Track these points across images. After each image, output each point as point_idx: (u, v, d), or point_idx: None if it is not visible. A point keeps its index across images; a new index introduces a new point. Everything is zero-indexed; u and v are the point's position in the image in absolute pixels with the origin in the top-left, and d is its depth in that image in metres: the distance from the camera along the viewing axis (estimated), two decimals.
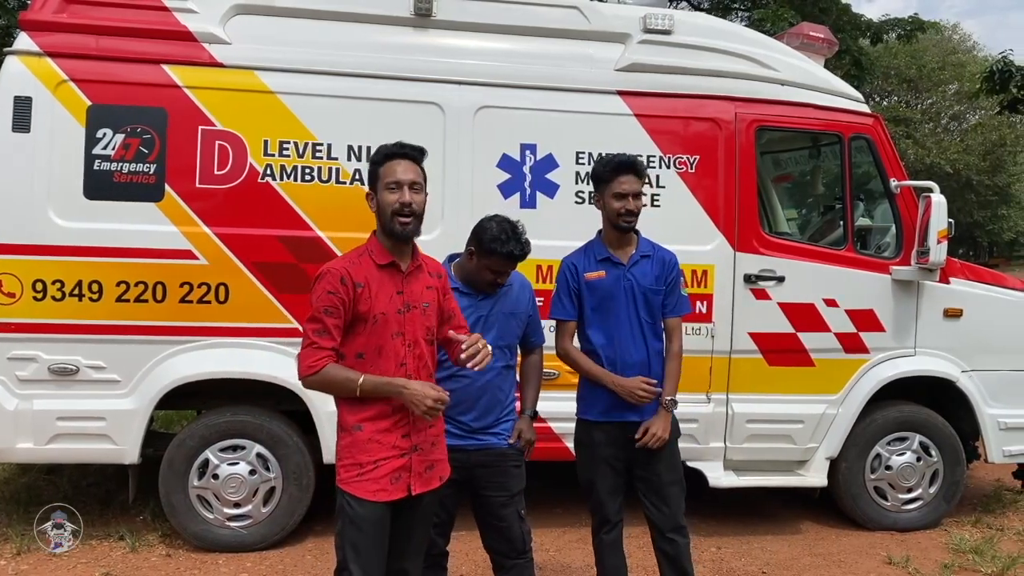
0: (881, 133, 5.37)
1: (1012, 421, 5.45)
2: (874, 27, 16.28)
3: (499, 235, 3.29)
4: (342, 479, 2.87)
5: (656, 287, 3.63)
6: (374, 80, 4.78)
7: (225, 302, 4.62)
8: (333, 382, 2.82)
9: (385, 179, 2.87)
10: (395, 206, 2.84)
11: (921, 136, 34.99)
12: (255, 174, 4.64)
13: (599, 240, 3.71)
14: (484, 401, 3.42)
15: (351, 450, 2.85)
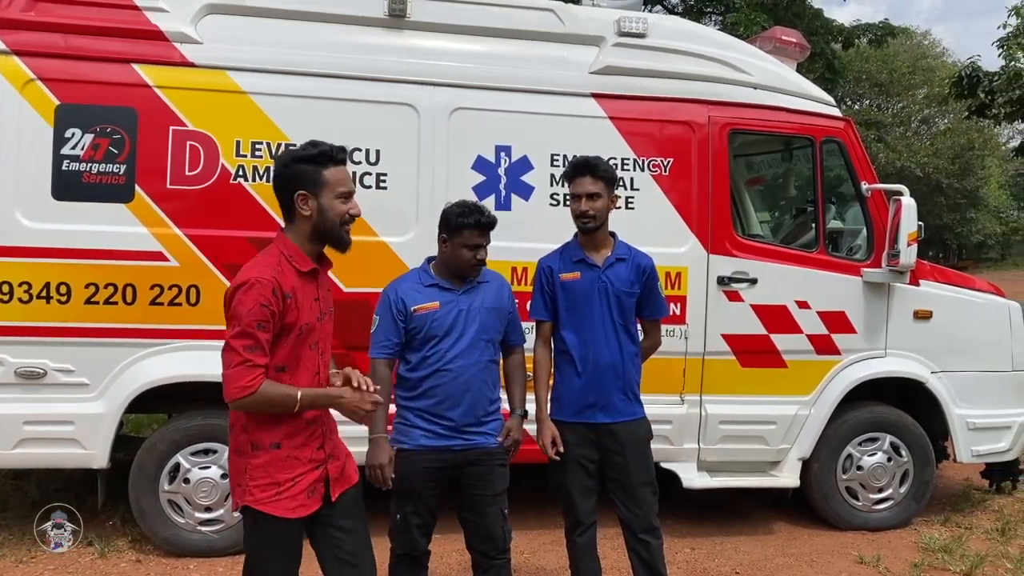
0: (852, 136, 5.42)
1: (980, 421, 5.52)
2: (846, 32, 16.48)
3: (462, 211, 3.40)
4: (256, 499, 2.67)
5: (630, 290, 3.66)
6: (348, 81, 4.74)
7: (196, 304, 4.56)
8: (270, 401, 2.62)
9: (337, 187, 2.71)
10: (346, 216, 2.74)
11: (892, 139, 35.48)
12: (227, 175, 4.60)
13: (575, 242, 3.74)
14: (469, 397, 3.43)
15: (268, 469, 2.67)
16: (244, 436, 2.71)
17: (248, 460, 2.69)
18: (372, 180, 4.74)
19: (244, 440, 2.70)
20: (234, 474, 2.76)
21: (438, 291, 3.45)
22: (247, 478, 2.70)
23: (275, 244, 2.74)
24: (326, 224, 2.72)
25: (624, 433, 3.65)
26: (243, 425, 2.71)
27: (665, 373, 5.03)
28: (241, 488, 2.72)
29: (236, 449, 2.75)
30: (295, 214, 2.71)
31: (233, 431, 2.76)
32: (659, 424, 4.90)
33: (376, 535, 3.57)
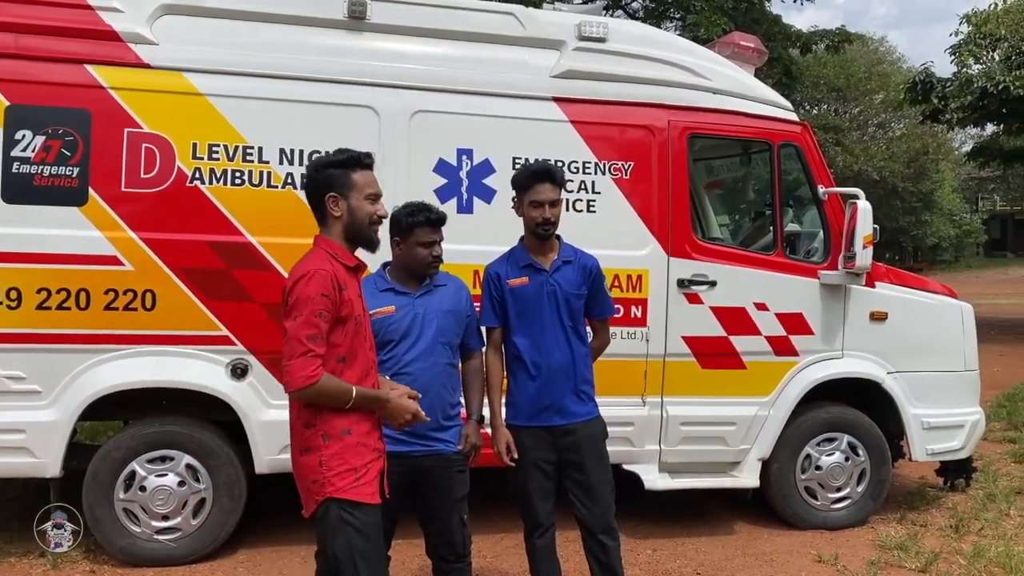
0: (809, 141, 5.50)
1: (935, 421, 5.63)
2: (803, 38, 16.73)
3: (411, 210, 3.44)
4: (337, 488, 2.72)
5: (578, 292, 3.69)
6: (307, 83, 4.70)
7: (152, 309, 4.48)
8: (328, 393, 2.69)
9: (366, 189, 2.84)
10: (374, 216, 2.86)
11: (850, 143, 36.06)
12: (183, 178, 4.53)
13: (521, 246, 3.75)
14: (427, 400, 3.38)
15: (343, 456, 2.74)
16: (311, 431, 2.73)
17: (321, 453, 2.72)
18: None
19: (312, 435, 2.73)
20: (307, 474, 2.77)
21: (394, 295, 3.44)
22: (324, 470, 2.72)
23: (318, 246, 2.84)
24: (356, 224, 2.84)
25: (580, 433, 3.67)
26: (307, 421, 2.74)
27: (626, 375, 5.06)
28: (319, 484, 2.72)
29: (304, 448, 2.77)
30: (327, 216, 2.82)
31: (295, 432, 2.79)
32: (621, 426, 4.97)
33: None
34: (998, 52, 17.05)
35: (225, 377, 4.61)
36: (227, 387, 4.60)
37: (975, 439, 5.90)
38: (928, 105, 17.62)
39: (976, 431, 5.86)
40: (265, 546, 5.00)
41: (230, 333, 4.59)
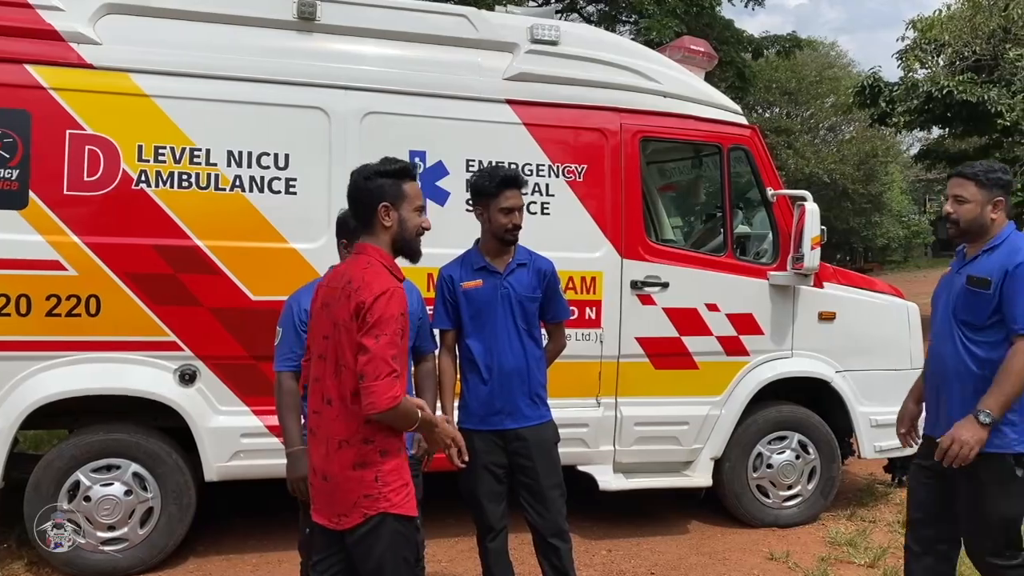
0: (758, 144, 5.57)
1: (883, 418, 5.70)
2: (755, 43, 16.98)
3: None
4: (393, 503, 2.70)
5: (532, 295, 3.69)
6: (256, 84, 4.63)
7: (97, 315, 4.38)
8: (403, 415, 2.68)
9: (415, 201, 2.85)
10: (419, 228, 2.88)
11: (801, 146, 36.66)
12: (128, 180, 4.43)
13: (476, 249, 3.74)
14: None
15: (400, 472, 2.74)
16: (369, 447, 2.70)
17: (379, 468, 2.70)
18: (281, 185, 4.64)
19: (370, 451, 2.70)
20: (356, 488, 2.70)
21: None
22: (380, 485, 2.70)
23: (368, 255, 2.78)
24: (404, 234, 2.83)
25: (532, 437, 3.66)
26: (366, 436, 2.69)
27: (581, 377, 5.08)
28: (372, 498, 2.69)
29: (358, 463, 2.70)
30: (376, 225, 2.79)
31: (349, 447, 2.70)
32: (575, 427, 4.99)
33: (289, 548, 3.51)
34: (943, 57, 17.46)
35: (173, 383, 4.52)
36: (175, 393, 4.51)
37: (921, 435, 6.00)
38: (876, 109, 17.95)
39: (923, 428, 5.96)
40: (215, 555, 4.91)
41: (178, 338, 4.50)
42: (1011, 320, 3.23)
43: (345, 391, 2.69)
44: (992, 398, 3.19)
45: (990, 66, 16.74)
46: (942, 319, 3.43)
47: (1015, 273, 3.21)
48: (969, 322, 3.32)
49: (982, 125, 16.78)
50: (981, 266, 3.33)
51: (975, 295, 3.30)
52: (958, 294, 3.36)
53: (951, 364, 3.37)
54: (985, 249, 3.36)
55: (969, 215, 3.34)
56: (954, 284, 3.42)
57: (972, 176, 3.35)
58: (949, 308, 3.40)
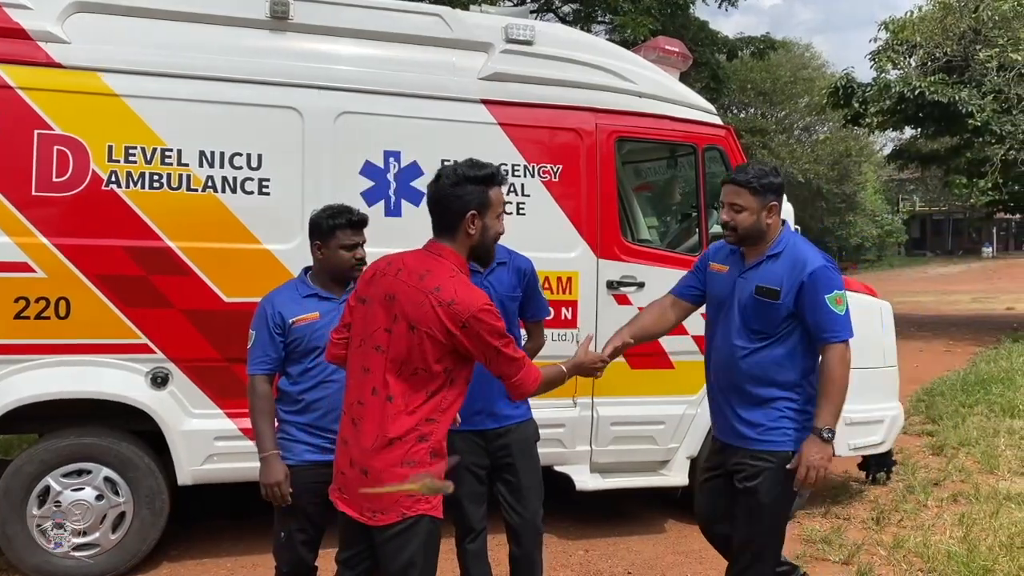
0: (733, 144, 5.60)
1: (857, 416, 5.75)
2: (730, 44, 17.07)
3: (331, 213, 3.39)
4: (432, 505, 2.71)
5: (512, 294, 3.65)
6: (228, 84, 4.58)
7: (66, 317, 4.32)
8: (550, 382, 2.94)
9: (499, 207, 2.84)
10: (498, 235, 2.88)
11: (776, 146, 36.96)
12: (98, 181, 4.37)
13: None
14: None
15: (441, 475, 2.74)
16: (422, 446, 2.67)
17: (431, 466, 2.69)
18: (254, 185, 4.60)
19: (421, 450, 2.67)
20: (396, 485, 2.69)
21: (317, 301, 3.37)
22: None
23: (449, 261, 2.75)
24: (484, 240, 2.82)
25: (513, 436, 3.64)
26: (421, 435, 2.68)
27: None
28: (413, 499, 2.68)
29: (408, 460, 2.66)
30: (460, 232, 2.77)
31: (401, 444, 2.65)
32: (552, 428, 4.97)
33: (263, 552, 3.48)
34: (915, 58, 17.69)
35: (145, 386, 4.47)
36: (147, 396, 4.46)
37: (895, 433, 6.09)
38: (850, 109, 18.15)
39: (896, 425, 6.04)
40: (189, 559, 4.86)
41: (149, 341, 4.45)
42: (819, 330, 3.26)
43: (403, 389, 2.66)
44: (826, 411, 3.25)
45: (961, 67, 16.98)
46: (731, 323, 3.38)
47: (811, 282, 3.23)
48: (759, 330, 3.31)
49: (953, 125, 17.03)
50: (767, 275, 3.31)
51: (765, 305, 3.29)
52: (748, 303, 3.33)
53: (743, 369, 3.34)
54: (768, 255, 3.35)
55: (746, 222, 3.32)
56: (741, 289, 3.36)
57: (745, 184, 3.30)
58: (736, 314, 3.36)
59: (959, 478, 6.63)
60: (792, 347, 3.32)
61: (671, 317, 3.67)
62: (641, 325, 3.63)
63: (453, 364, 2.70)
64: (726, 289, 3.43)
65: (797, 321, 3.29)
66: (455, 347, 2.65)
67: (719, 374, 3.49)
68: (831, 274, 3.30)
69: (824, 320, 3.25)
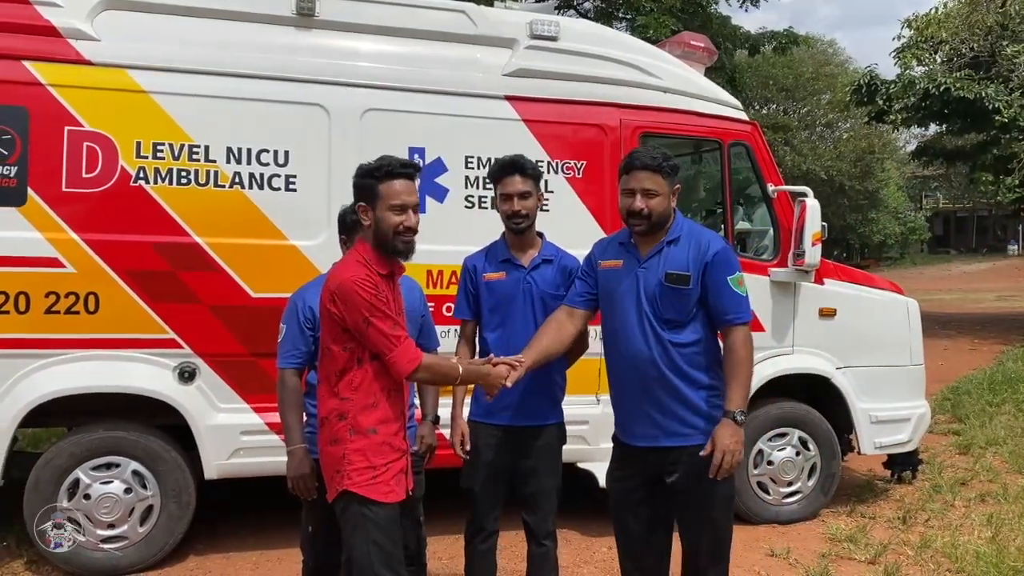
0: (759, 140, 5.56)
1: (882, 415, 5.74)
2: (752, 39, 16.95)
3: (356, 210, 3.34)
4: (354, 483, 2.83)
5: (556, 292, 3.57)
6: (255, 80, 4.62)
7: (95, 312, 4.37)
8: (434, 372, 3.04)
9: (390, 199, 2.89)
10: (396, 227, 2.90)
11: (798, 143, 36.70)
12: (127, 177, 4.41)
13: (502, 241, 3.69)
14: None
15: (365, 453, 2.85)
16: (342, 424, 2.85)
17: (346, 446, 2.85)
18: (281, 182, 4.63)
19: (342, 428, 2.86)
20: (330, 465, 2.90)
21: None
22: (345, 463, 2.85)
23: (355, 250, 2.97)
24: (380, 234, 2.91)
25: (540, 438, 3.59)
26: (340, 413, 2.86)
27: (581, 374, 4.99)
28: (340, 475, 2.85)
29: (332, 439, 2.88)
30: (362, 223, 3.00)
31: (327, 424, 2.89)
32: (576, 425, 4.91)
33: (289, 546, 3.50)
34: (940, 55, 17.49)
35: (172, 381, 4.51)
36: (174, 391, 4.50)
37: (921, 432, 6.03)
38: (873, 106, 17.99)
39: (922, 424, 5.99)
40: (215, 553, 4.90)
41: (177, 336, 4.49)
42: (723, 312, 3.19)
43: (326, 372, 2.91)
44: (736, 394, 3.17)
45: (988, 63, 16.76)
46: (639, 318, 3.22)
47: (715, 263, 3.17)
48: (673, 320, 3.20)
49: (980, 122, 16.83)
50: (673, 261, 3.20)
51: (676, 292, 3.19)
52: (656, 293, 3.20)
53: (666, 363, 3.20)
54: (668, 241, 3.25)
55: (659, 207, 3.20)
56: (645, 280, 3.22)
57: (658, 168, 3.19)
58: (643, 307, 3.21)
59: (987, 478, 6.55)
60: (704, 333, 3.24)
61: (570, 330, 3.40)
62: (540, 348, 3.33)
63: (355, 344, 2.83)
64: (625, 284, 3.27)
65: (701, 305, 3.22)
66: (343, 324, 2.81)
67: (633, 373, 3.28)
68: (731, 255, 3.26)
69: (728, 302, 3.19)
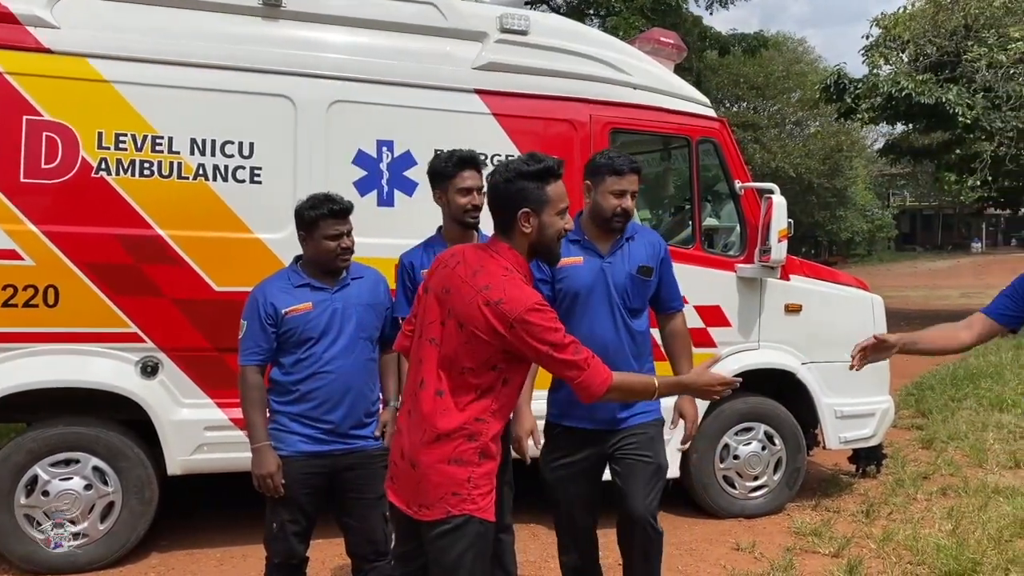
0: (727, 137, 5.59)
1: (847, 409, 5.80)
2: (722, 40, 17.08)
3: (313, 203, 3.35)
4: (480, 507, 2.60)
5: None
6: (219, 71, 4.54)
7: (55, 306, 4.28)
8: (627, 390, 2.79)
9: (558, 204, 2.67)
10: (561, 232, 2.73)
11: (768, 141, 36.99)
12: (88, 168, 4.33)
13: (439, 236, 3.69)
14: (350, 399, 3.36)
15: (490, 476, 2.64)
16: (471, 445, 2.59)
17: (472, 470, 2.60)
18: (246, 174, 4.56)
19: (470, 450, 2.59)
20: (447, 484, 2.59)
21: (310, 291, 3.35)
22: (470, 487, 2.60)
23: (505, 260, 2.64)
24: (545, 240, 2.69)
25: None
26: (471, 434, 2.59)
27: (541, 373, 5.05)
28: (460, 498, 2.59)
29: (456, 459, 2.59)
30: (515, 230, 2.66)
31: (450, 440, 2.58)
32: None
33: (255, 543, 3.46)
34: (906, 55, 17.72)
35: (134, 376, 4.44)
36: (136, 386, 4.43)
37: (885, 427, 6.11)
38: (842, 104, 18.20)
39: (886, 419, 6.07)
40: (179, 549, 4.84)
41: (139, 330, 4.42)
42: (670, 300, 3.64)
43: (456, 384, 2.59)
44: (687, 369, 3.55)
45: (952, 63, 17.00)
46: (608, 308, 3.43)
47: (667, 257, 3.59)
48: (636, 308, 3.49)
49: (943, 122, 17.08)
50: (638, 255, 3.49)
51: (643, 283, 3.49)
52: (628, 285, 3.45)
53: (626, 350, 3.44)
54: (627, 237, 3.50)
55: (632, 208, 3.46)
56: (612, 274, 3.43)
57: (635, 169, 3.44)
58: (613, 298, 3.42)
59: (948, 472, 6.66)
60: (648, 321, 3.58)
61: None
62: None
63: (506, 365, 2.59)
64: (590, 278, 3.43)
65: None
66: (505, 348, 2.54)
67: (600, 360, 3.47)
68: (669, 249, 3.68)
69: (674, 291, 3.66)
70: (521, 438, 3.50)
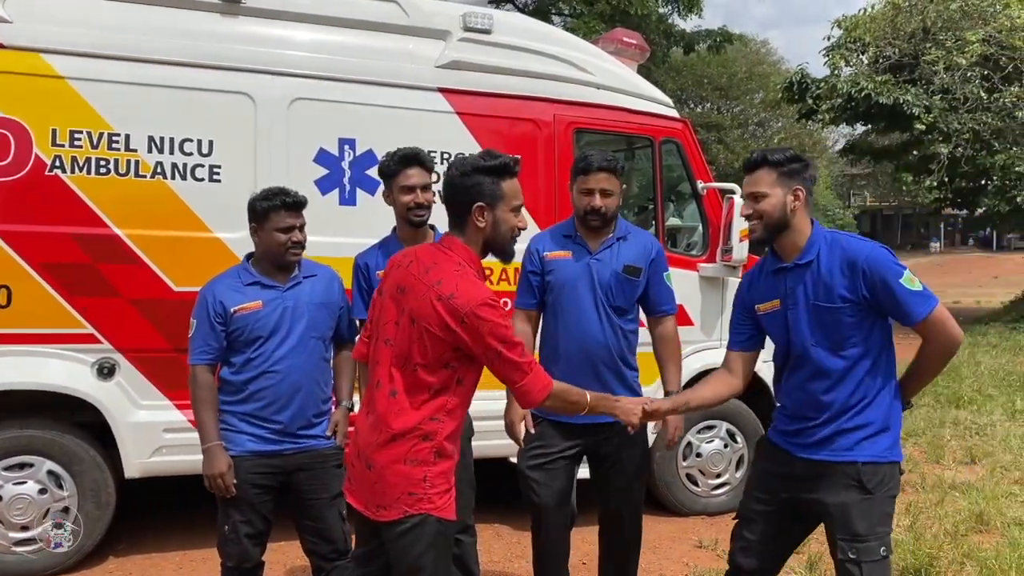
0: (689, 137, 5.63)
1: None
2: (687, 38, 17.21)
3: (266, 195, 3.32)
4: (437, 506, 2.59)
5: None
6: (177, 67, 4.46)
7: (7, 306, 4.19)
8: (563, 400, 2.75)
9: (512, 200, 2.65)
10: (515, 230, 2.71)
11: (731, 141, 37.33)
12: (41, 166, 4.23)
13: (394, 236, 3.68)
14: (299, 398, 3.32)
15: (447, 475, 2.63)
16: (425, 445, 2.59)
17: (428, 469, 2.60)
18: (204, 172, 4.50)
19: (425, 449, 2.59)
20: (402, 483, 2.58)
21: (260, 289, 3.31)
22: (426, 486, 2.59)
23: (458, 255, 2.63)
24: (499, 237, 2.68)
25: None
26: (425, 434, 2.58)
27: None
28: (416, 497, 2.58)
29: (410, 459, 2.58)
30: (469, 225, 2.64)
31: (404, 440, 2.57)
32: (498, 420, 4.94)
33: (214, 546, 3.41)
34: (866, 56, 17.99)
35: (90, 377, 4.36)
36: (93, 388, 4.34)
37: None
38: (804, 105, 18.44)
39: None
40: (137, 553, 4.76)
41: (95, 331, 4.34)
42: (660, 302, 3.64)
43: (409, 383, 2.58)
44: (676, 376, 3.67)
45: (911, 65, 17.30)
46: (593, 304, 3.51)
47: (657, 260, 3.60)
48: (621, 307, 3.55)
49: (902, 123, 17.37)
50: (627, 255, 3.54)
51: (630, 283, 3.54)
52: (612, 282, 3.51)
53: (612, 349, 3.54)
54: (618, 237, 3.57)
55: (613, 205, 3.52)
56: (598, 271, 3.51)
57: (613, 169, 3.48)
58: (598, 295, 3.50)
59: (906, 468, 6.76)
60: (637, 322, 3.64)
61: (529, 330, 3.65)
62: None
63: (458, 363, 2.59)
64: (576, 272, 3.52)
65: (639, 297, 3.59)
66: (456, 344, 2.53)
67: (582, 355, 3.53)
68: (665, 255, 3.70)
69: (666, 294, 3.65)
70: (514, 422, 3.55)
